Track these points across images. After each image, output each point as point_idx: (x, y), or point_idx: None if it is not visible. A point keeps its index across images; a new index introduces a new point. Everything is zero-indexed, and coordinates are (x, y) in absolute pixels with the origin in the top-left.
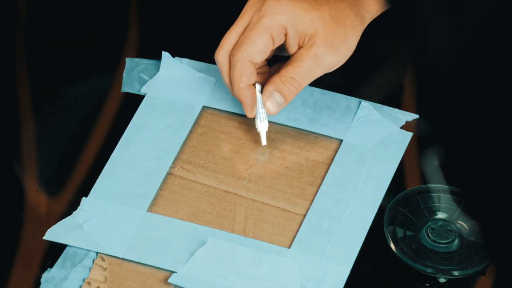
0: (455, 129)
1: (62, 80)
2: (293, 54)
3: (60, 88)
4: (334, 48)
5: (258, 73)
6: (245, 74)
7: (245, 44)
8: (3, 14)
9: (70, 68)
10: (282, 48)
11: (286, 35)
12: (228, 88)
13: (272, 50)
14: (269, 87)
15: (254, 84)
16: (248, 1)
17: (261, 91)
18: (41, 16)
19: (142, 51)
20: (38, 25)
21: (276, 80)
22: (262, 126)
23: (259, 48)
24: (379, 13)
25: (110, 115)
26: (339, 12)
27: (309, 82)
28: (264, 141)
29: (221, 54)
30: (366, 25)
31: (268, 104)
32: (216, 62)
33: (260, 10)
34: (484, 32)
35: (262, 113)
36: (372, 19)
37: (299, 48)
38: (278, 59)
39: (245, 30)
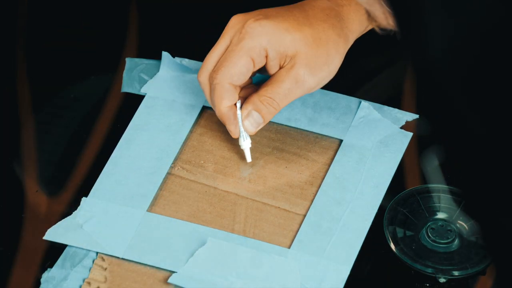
0: (455, 129)
1: (62, 80)
2: (273, 74)
3: (60, 88)
4: (315, 70)
5: (242, 88)
6: (226, 97)
7: (225, 66)
8: (3, 14)
9: (70, 68)
10: (263, 68)
11: (267, 57)
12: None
13: (253, 72)
14: (248, 106)
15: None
16: (229, 22)
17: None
18: (41, 16)
19: (142, 51)
20: (38, 25)
21: (255, 99)
22: (245, 144)
23: (239, 71)
24: (363, 32)
25: (110, 115)
26: (322, 33)
27: (288, 103)
28: (248, 158)
29: (203, 75)
30: (349, 45)
31: (247, 123)
32: (199, 84)
33: (240, 32)
34: (484, 32)
35: (244, 134)
36: (357, 38)
37: (280, 68)
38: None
39: (225, 51)
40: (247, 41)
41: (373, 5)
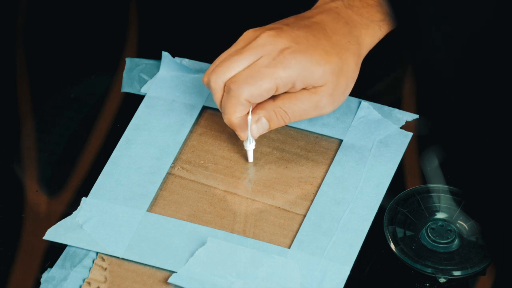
0: (455, 129)
1: (62, 80)
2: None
3: (60, 88)
4: (335, 100)
5: None
6: (239, 111)
7: (247, 84)
8: (3, 14)
9: (70, 68)
10: None
11: (293, 86)
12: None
13: None
14: (260, 112)
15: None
16: (260, 35)
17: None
18: (41, 16)
19: (142, 51)
20: (38, 25)
21: (269, 107)
22: (251, 146)
23: (260, 93)
24: (374, 44)
25: (110, 115)
26: (345, 63)
27: (298, 120)
28: (251, 159)
29: (214, 79)
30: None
31: (254, 127)
32: (206, 85)
33: (274, 58)
34: (483, 32)
35: (251, 137)
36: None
37: (303, 88)
38: None
39: (249, 64)
40: (279, 70)
41: None
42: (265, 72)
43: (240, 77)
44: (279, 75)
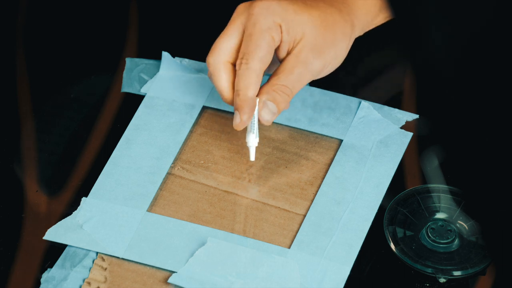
0: (455, 129)
1: (62, 80)
2: (282, 61)
3: (60, 88)
4: (322, 53)
5: None
6: (255, 82)
7: (252, 51)
8: (3, 14)
9: (70, 68)
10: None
11: (281, 36)
12: (222, 95)
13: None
14: (262, 97)
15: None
16: (236, 9)
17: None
18: (41, 16)
19: (142, 51)
20: (38, 25)
21: (268, 89)
22: (254, 142)
23: (266, 51)
24: (374, 22)
25: (110, 115)
26: (329, 16)
27: (300, 88)
28: (252, 157)
29: (217, 59)
30: (356, 32)
31: (263, 114)
32: (209, 67)
33: (252, 14)
34: (483, 32)
35: (257, 127)
36: (365, 29)
37: (288, 54)
38: None
39: (240, 36)
40: (263, 21)
41: None
42: (254, 31)
43: (243, 50)
44: (266, 25)
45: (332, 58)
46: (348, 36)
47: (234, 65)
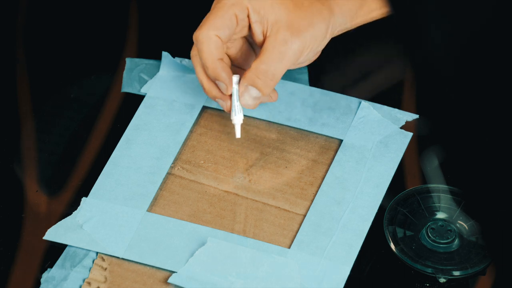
0: (455, 129)
1: (62, 80)
2: (261, 46)
3: (60, 88)
4: (300, 32)
5: (237, 68)
6: (214, 48)
7: (209, 20)
8: (3, 14)
9: (70, 68)
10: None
11: (249, 18)
12: (202, 85)
13: (244, 46)
14: (244, 82)
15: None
16: None
17: (238, 83)
18: (41, 16)
19: (142, 51)
20: (38, 25)
21: (250, 74)
22: (237, 119)
23: (223, 23)
24: (359, 15)
25: (110, 115)
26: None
27: (283, 71)
28: (238, 134)
29: (193, 52)
30: (338, 20)
31: (244, 98)
32: (192, 60)
33: None
34: (483, 32)
35: (237, 106)
36: (349, 18)
37: (265, 38)
38: None
39: None
40: None
41: None
42: (218, 6)
43: (203, 22)
44: (231, 2)
45: (311, 39)
46: (327, 19)
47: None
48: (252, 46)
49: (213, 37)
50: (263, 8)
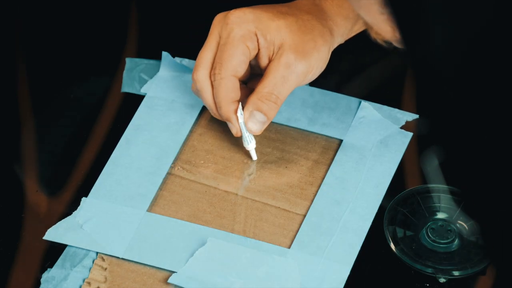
0: (455, 129)
1: (62, 80)
2: (265, 69)
3: (60, 88)
4: (305, 55)
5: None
6: (232, 91)
7: (225, 60)
8: (3, 14)
9: (70, 68)
10: (255, 67)
11: (258, 43)
12: (211, 110)
13: (249, 65)
14: (249, 107)
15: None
16: (214, 20)
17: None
18: (41, 16)
19: (142, 51)
20: (38, 25)
21: (253, 99)
22: (250, 146)
23: (239, 60)
24: (353, 30)
25: (110, 115)
26: (306, 22)
27: (287, 94)
28: (254, 157)
29: (201, 73)
30: (337, 39)
31: (250, 124)
32: (195, 84)
33: (227, 24)
34: (483, 33)
35: (248, 135)
36: (346, 36)
37: (269, 61)
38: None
39: (218, 47)
40: (237, 30)
41: (376, 17)
42: (228, 41)
43: (217, 60)
44: (240, 34)
45: (316, 61)
46: (329, 41)
47: None
48: (251, 62)
49: (232, 78)
50: (269, 32)
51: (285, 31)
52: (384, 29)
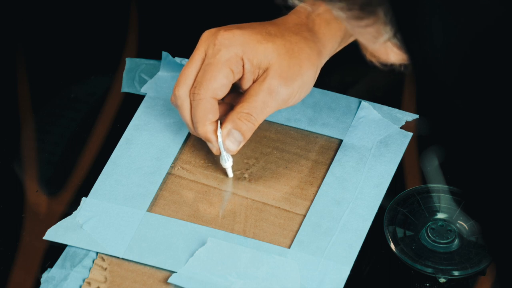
0: (455, 129)
1: (62, 80)
2: (247, 89)
3: (60, 88)
4: (288, 81)
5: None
6: (210, 112)
7: (206, 80)
8: (3, 14)
9: (70, 68)
10: (237, 85)
11: (243, 67)
12: (189, 128)
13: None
14: (227, 125)
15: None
16: (202, 36)
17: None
18: (41, 16)
19: (142, 51)
20: (38, 25)
21: (233, 117)
22: (228, 164)
23: (221, 83)
24: (337, 49)
25: (110, 115)
26: (294, 45)
27: (265, 117)
28: (230, 174)
29: (182, 90)
30: (323, 60)
31: (228, 143)
32: (175, 100)
33: (214, 44)
34: (484, 33)
35: (226, 154)
36: (332, 54)
37: (253, 82)
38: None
39: (202, 65)
40: (223, 52)
41: (372, 38)
42: (213, 62)
43: (199, 79)
44: (226, 57)
45: (299, 87)
46: (315, 65)
47: None
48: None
49: (210, 100)
50: (256, 57)
51: (272, 55)
52: (385, 54)
